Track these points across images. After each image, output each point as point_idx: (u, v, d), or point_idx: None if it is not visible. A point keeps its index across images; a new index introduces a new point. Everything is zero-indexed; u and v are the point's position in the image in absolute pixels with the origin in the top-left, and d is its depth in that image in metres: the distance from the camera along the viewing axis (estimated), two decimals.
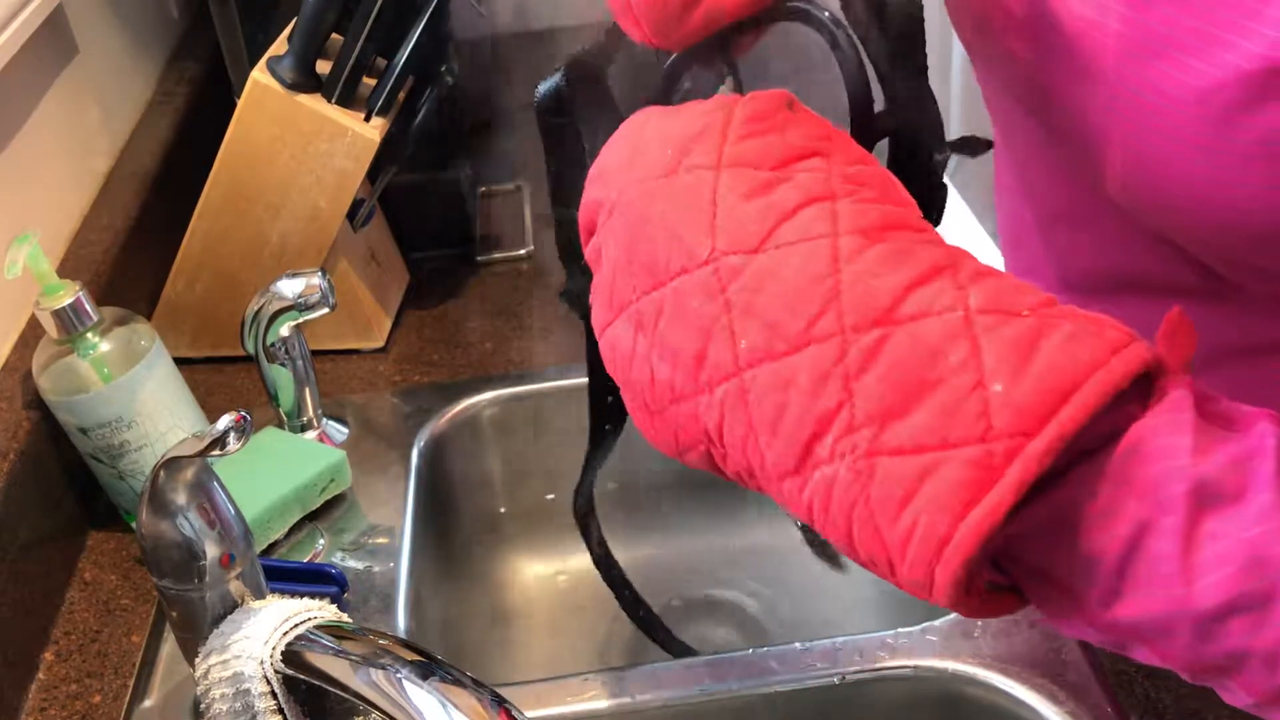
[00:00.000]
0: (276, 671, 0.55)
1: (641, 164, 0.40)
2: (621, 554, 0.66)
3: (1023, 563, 0.34)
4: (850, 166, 0.39)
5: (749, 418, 0.36)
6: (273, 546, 0.77)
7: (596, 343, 0.44)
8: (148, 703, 0.67)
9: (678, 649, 0.69)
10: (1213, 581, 0.30)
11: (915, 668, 0.65)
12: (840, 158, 0.39)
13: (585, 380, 0.58)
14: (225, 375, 0.93)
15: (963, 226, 1.02)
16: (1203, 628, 0.30)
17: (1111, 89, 0.45)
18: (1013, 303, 0.34)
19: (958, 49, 1.93)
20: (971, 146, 0.48)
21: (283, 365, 0.81)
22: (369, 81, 0.88)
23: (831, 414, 0.34)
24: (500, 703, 0.49)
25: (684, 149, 0.39)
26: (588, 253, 0.44)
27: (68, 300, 0.71)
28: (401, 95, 0.89)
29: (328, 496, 0.79)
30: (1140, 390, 0.33)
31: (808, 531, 0.55)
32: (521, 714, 0.48)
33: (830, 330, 0.34)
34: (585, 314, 0.49)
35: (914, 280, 0.34)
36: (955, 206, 1.05)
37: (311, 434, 0.84)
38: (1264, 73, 0.39)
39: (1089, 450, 0.32)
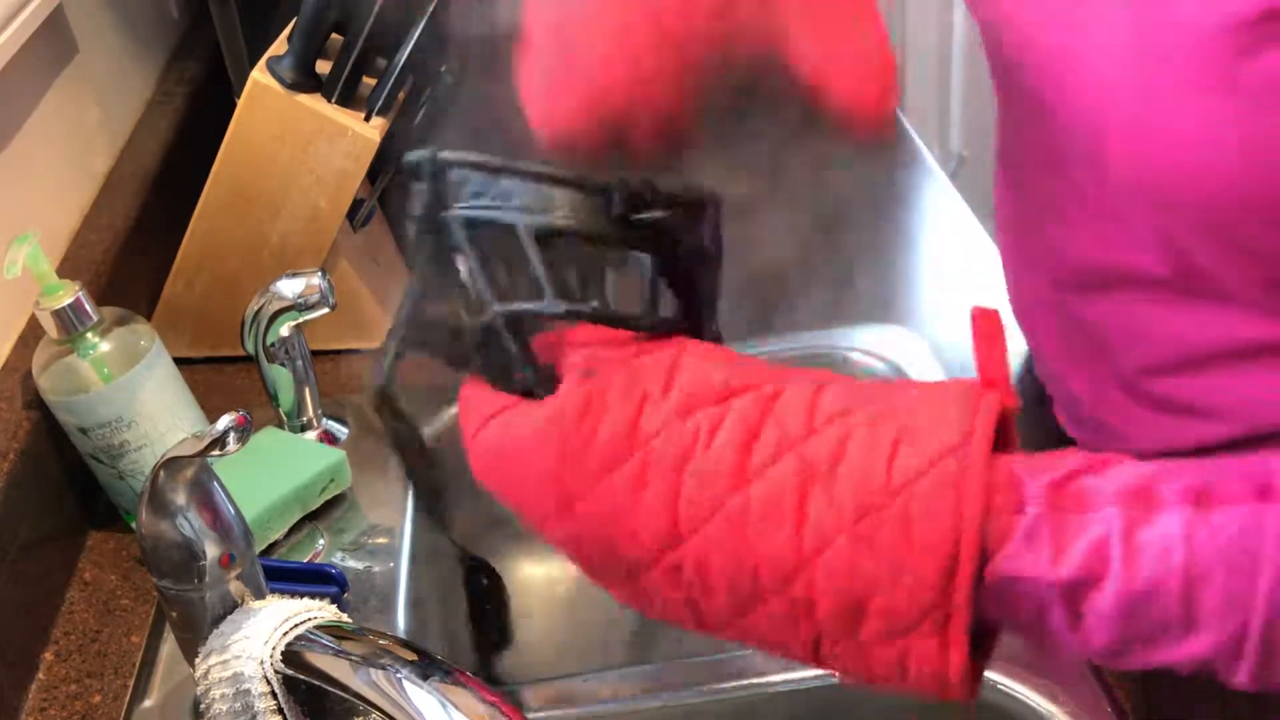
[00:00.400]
0: (276, 672, 0.55)
1: (531, 501, 0.46)
2: None
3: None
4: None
5: (767, 644, 0.44)
6: (273, 546, 0.77)
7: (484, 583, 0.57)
8: (148, 703, 0.67)
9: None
10: (1103, 641, 0.40)
11: None
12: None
13: None
14: (225, 375, 0.93)
15: (963, 226, 1.02)
16: (1107, 659, 0.41)
17: (1119, 37, 0.45)
18: (870, 489, 0.40)
19: (957, 48, 1.94)
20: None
21: (283, 365, 0.81)
22: (369, 81, 0.88)
23: (816, 640, 0.42)
24: (500, 703, 0.49)
25: (559, 485, 0.44)
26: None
27: (68, 300, 0.71)
28: (401, 95, 0.89)
29: (328, 496, 0.79)
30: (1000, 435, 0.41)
31: None
32: (521, 714, 0.48)
33: (770, 589, 0.41)
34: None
35: (794, 521, 0.41)
36: (955, 207, 1.05)
37: (311, 434, 0.84)
38: (1260, 15, 0.39)
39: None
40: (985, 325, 0.42)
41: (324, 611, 0.57)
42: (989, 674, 0.63)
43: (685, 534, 0.42)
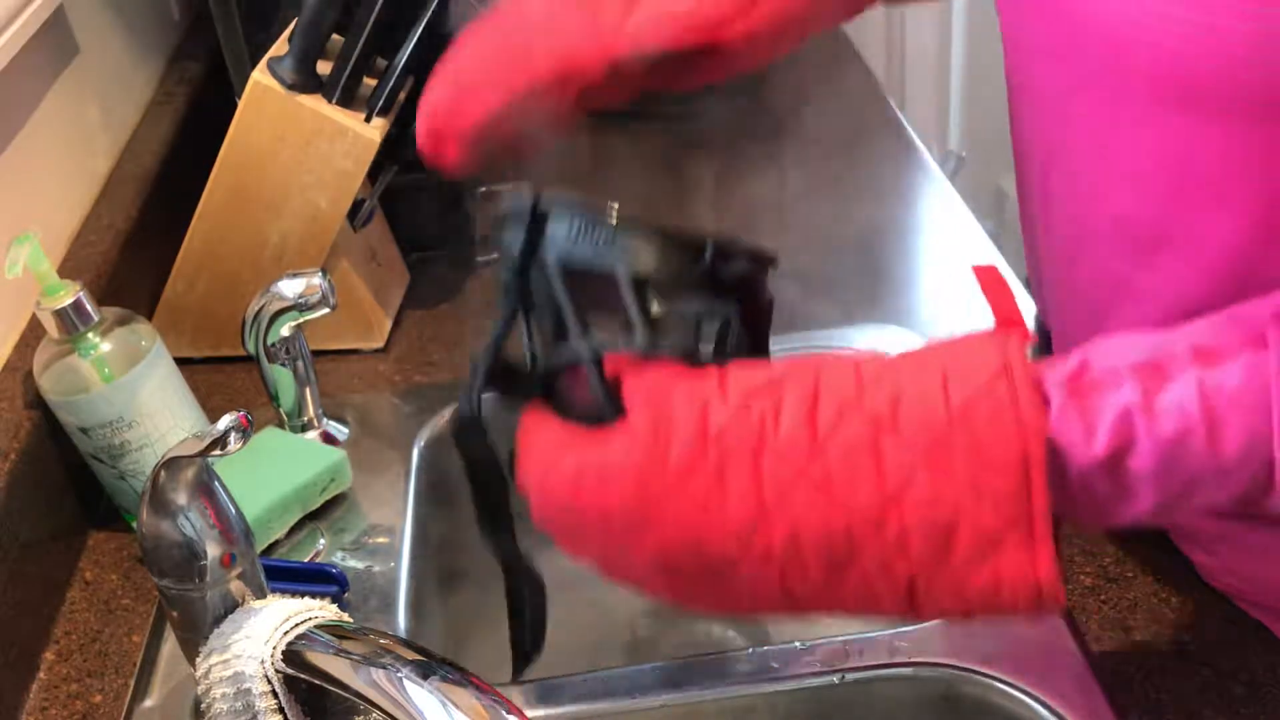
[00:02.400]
0: (277, 671, 0.55)
1: (616, 529, 0.46)
2: None
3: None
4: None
5: (857, 608, 0.46)
6: (273, 546, 0.77)
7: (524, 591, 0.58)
8: (148, 702, 0.68)
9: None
10: (1148, 502, 0.44)
11: (915, 668, 0.65)
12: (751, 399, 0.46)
13: None
14: (226, 375, 0.93)
15: (963, 226, 1.02)
16: (1158, 518, 0.45)
17: None
18: (932, 421, 0.44)
19: (957, 48, 1.94)
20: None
21: (283, 365, 0.81)
22: (369, 82, 0.88)
23: (910, 580, 0.44)
24: (500, 702, 0.49)
25: (643, 500, 0.46)
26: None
27: (68, 300, 0.71)
28: (402, 95, 0.89)
29: (328, 496, 0.80)
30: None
31: None
32: (521, 714, 0.48)
33: (862, 541, 0.44)
34: (517, 572, 0.58)
35: (873, 467, 0.43)
36: (955, 207, 1.05)
37: (312, 434, 0.84)
38: None
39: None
40: (988, 277, 0.48)
41: (325, 611, 0.57)
42: (989, 674, 0.63)
43: (773, 513, 0.44)
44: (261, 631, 0.55)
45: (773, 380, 0.46)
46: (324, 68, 0.86)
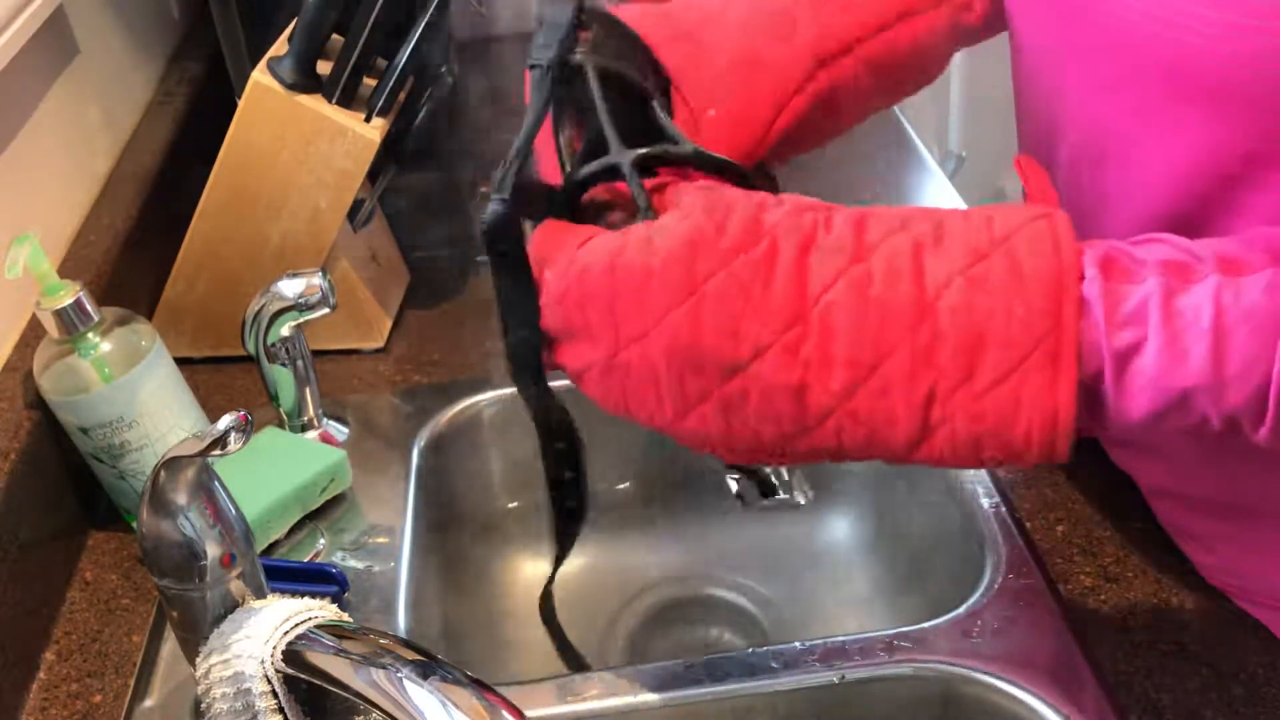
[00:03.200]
0: (277, 671, 0.55)
1: (653, 290, 0.46)
2: (620, 556, 0.66)
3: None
4: (801, 211, 0.48)
5: (867, 428, 0.46)
6: (273, 546, 0.77)
7: (561, 447, 0.55)
8: (148, 702, 0.68)
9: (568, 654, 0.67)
10: (1144, 406, 0.45)
11: (915, 668, 0.65)
12: (773, 204, 0.48)
13: None
14: (226, 375, 0.93)
15: None
16: (1150, 427, 0.46)
17: None
18: (975, 244, 0.46)
19: None
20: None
21: (283, 365, 0.81)
22: (369, 82, 0.88)
23: (930, 394, 0.45)
24: (500, 702, 0.49)
25: (689, 266, 0.46)
26: (572, 358, 0.49)
27: (68, 300, 0.71)
28: (402, 95, 0.89)
29: (328, 496, 0.80)
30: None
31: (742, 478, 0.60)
32: (522, 714, 0.48)
33: (894, 343, 0.44)
34: (552, 427, 0.54)
35: (914, 275, 0.45)
36: (955, 207, 1.05)
37: (312, 434, 0.84)
38: None
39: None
40: (1028, 168, 0.52)
41: (325, 611, 0.57)
42: (989, 673, 0.63)
43: (811, 305, 0.45)
44: (261, 631, 0.55)
45: (825, 204, 0.48)
46: (324, 68, 0.86)
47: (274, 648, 0.55)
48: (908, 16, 0.62)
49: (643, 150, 0.48)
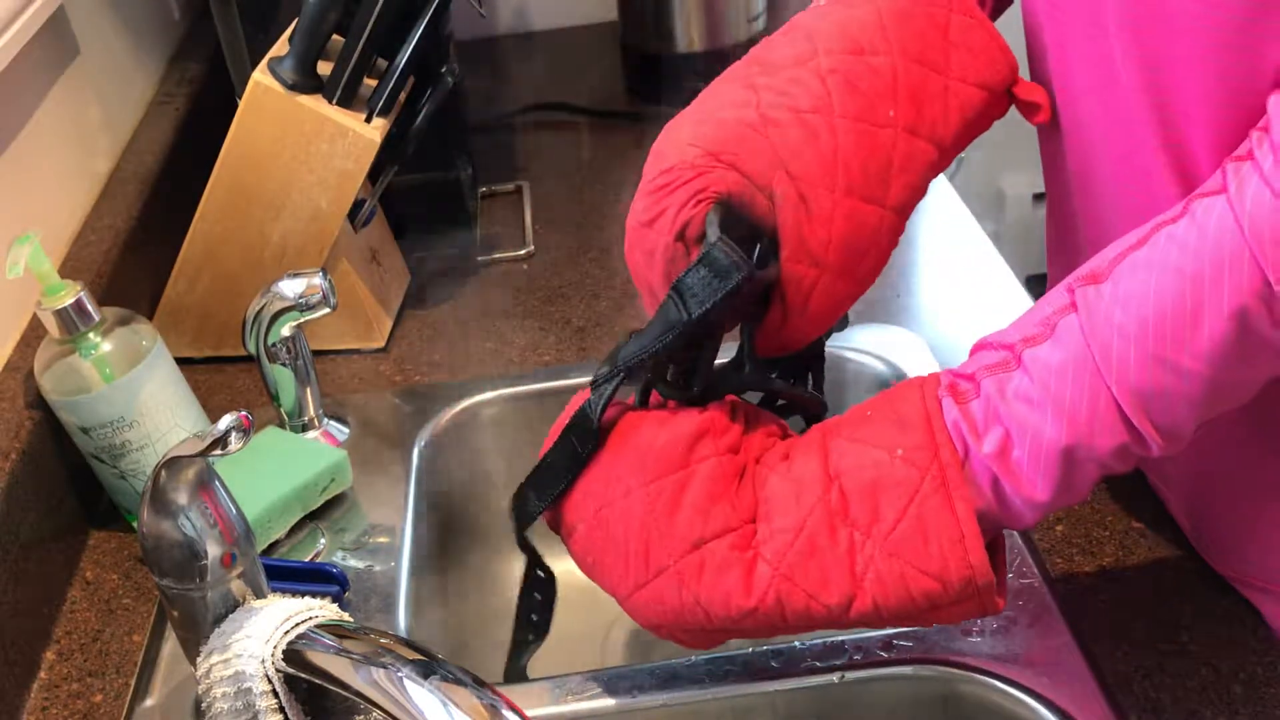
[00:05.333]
0: (278, 670, 0.55)
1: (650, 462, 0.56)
2: None
3: None
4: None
5: (804, 591, 0.52)
6: (274, 546, 0.77)
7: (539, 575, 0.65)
8: (149, 702, 0.68)
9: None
10: (1038, 480, 0.50)
11: (915, 668, 0.65)
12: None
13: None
14: (226, 375, 0.93)
15: (962, 227, 1.02)
16: (1060, 495, 0.51)
17: None
18: (860, 411, 0.55)
19: None
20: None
21: (284, 365, 0.81)
22: (370, 82, 0.88)
23: (850, 543, 0.51)
24: (500, 702, 0.49)
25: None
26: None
27: (69, 300, 0.71)
28: (402, 96, 0.89)
29: (329, 496, 0.80)
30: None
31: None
32: (521, 713, 0.49)
33: (811, 505, 0.52)
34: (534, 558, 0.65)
35: (822, 458, 0.54)
36: (955, 207, 1.05)
37: (313, 434, 0.84)
38: None
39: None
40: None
41: (325, 610, 0.57)
42: (989, 673, 0.63)
43: (761, 501, 0.54)
44: (262, 631, 0.55)
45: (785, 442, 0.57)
46: (324, 68, 0.86)
47: (274, 647, 0.55)
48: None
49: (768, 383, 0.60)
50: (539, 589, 0.65)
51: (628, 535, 0.54)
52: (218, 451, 0.54)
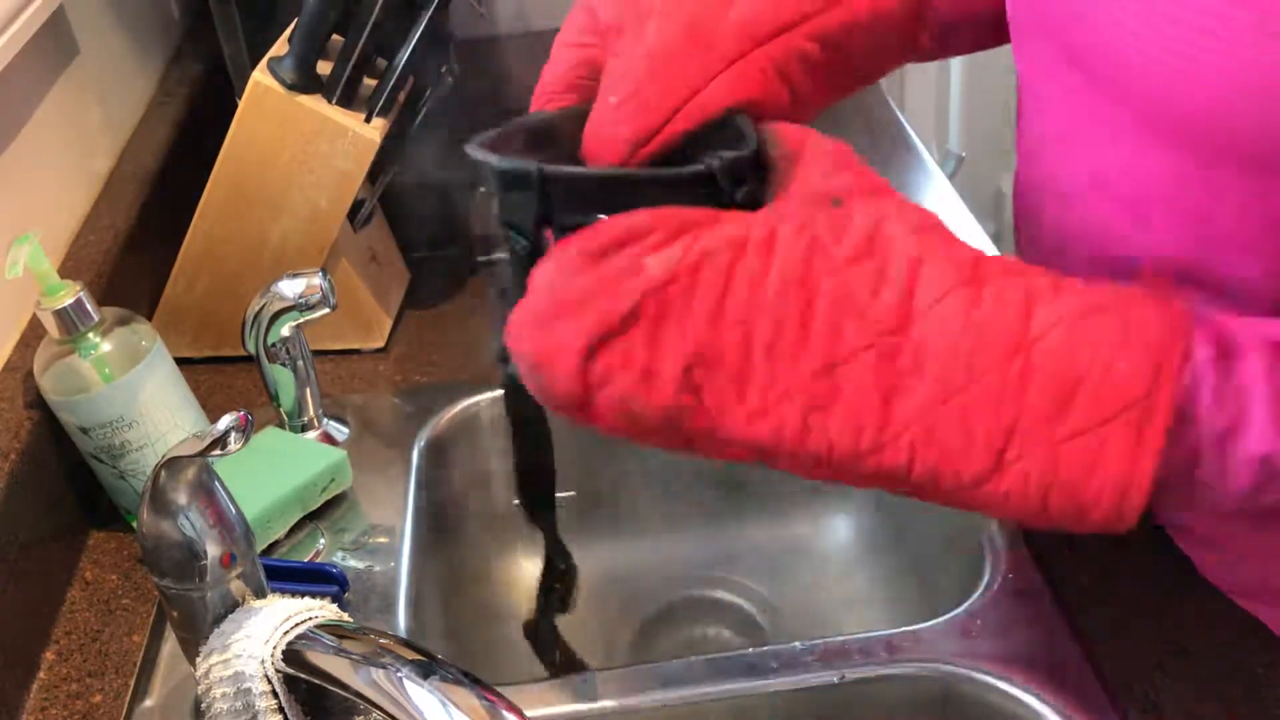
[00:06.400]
0: (277, 671, 0.55)
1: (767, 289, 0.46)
2: (620, 555, 0.66)
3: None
4: (911, 214, 0.47)
5: (939, 451, 0.45)
6: (273, 546, 0.77)
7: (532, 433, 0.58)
8: (148, 702, 0.68)
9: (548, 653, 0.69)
10: (1243, 478, 0.44)
11: (915, 668, 0.65)
12: (885, 204, 0.47)
13: None
14: (226, 375, 0.93)
15: (963, 226, 1.02)
16: (1245, 499, 0.45)
17: None
18: (1091, 302, 0.45)
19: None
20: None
21: (283, 365, 0.81)
22: (370, 82, 0.88)
23: (1011, 427, 0.44)
24: (500, 702, 0.49)
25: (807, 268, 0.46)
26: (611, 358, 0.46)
27: (69, 300, 0.71)
28: (402, 96, 0.89)
29: (328, 496, 0.80)
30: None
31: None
32: (521, 713, 0.48)
33: (986, 368, 0.44)
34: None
35: (1021, 312, 0.44)
36: (955, 208, 1.05)
37: (312, 434, 0.84)
38: None
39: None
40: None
41: (325, 611, 0.57)
42: (988, 673, 0.63)
43: (916, 315, 0.44)
44: (261, 631, 0.55)
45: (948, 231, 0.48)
46: (324, 68, 0.86)
47: (274, 647, 0.55)
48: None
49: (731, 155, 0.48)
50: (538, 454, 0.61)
51: (751, 365, 0.46)
52: (217, 451, 0.54)
